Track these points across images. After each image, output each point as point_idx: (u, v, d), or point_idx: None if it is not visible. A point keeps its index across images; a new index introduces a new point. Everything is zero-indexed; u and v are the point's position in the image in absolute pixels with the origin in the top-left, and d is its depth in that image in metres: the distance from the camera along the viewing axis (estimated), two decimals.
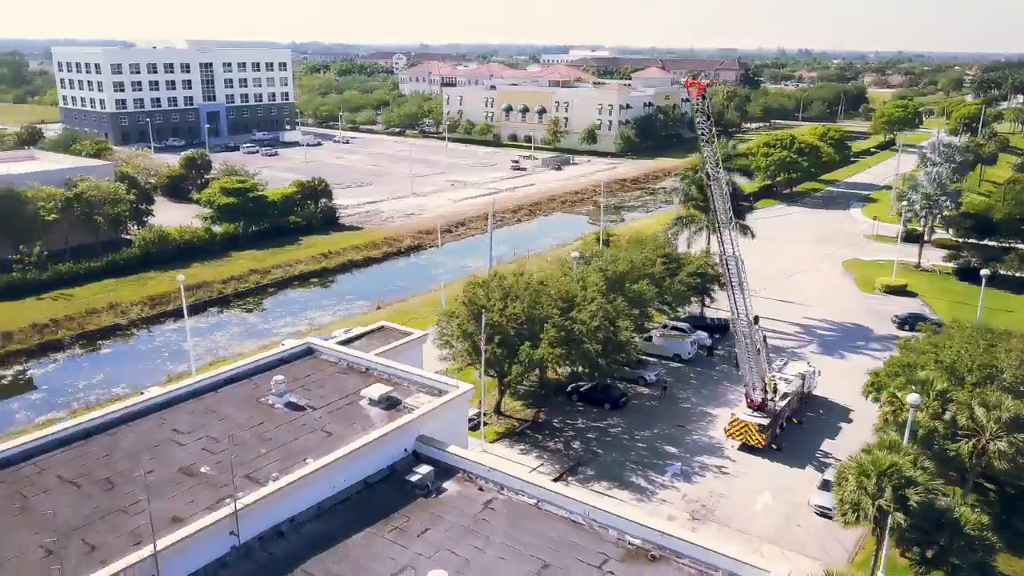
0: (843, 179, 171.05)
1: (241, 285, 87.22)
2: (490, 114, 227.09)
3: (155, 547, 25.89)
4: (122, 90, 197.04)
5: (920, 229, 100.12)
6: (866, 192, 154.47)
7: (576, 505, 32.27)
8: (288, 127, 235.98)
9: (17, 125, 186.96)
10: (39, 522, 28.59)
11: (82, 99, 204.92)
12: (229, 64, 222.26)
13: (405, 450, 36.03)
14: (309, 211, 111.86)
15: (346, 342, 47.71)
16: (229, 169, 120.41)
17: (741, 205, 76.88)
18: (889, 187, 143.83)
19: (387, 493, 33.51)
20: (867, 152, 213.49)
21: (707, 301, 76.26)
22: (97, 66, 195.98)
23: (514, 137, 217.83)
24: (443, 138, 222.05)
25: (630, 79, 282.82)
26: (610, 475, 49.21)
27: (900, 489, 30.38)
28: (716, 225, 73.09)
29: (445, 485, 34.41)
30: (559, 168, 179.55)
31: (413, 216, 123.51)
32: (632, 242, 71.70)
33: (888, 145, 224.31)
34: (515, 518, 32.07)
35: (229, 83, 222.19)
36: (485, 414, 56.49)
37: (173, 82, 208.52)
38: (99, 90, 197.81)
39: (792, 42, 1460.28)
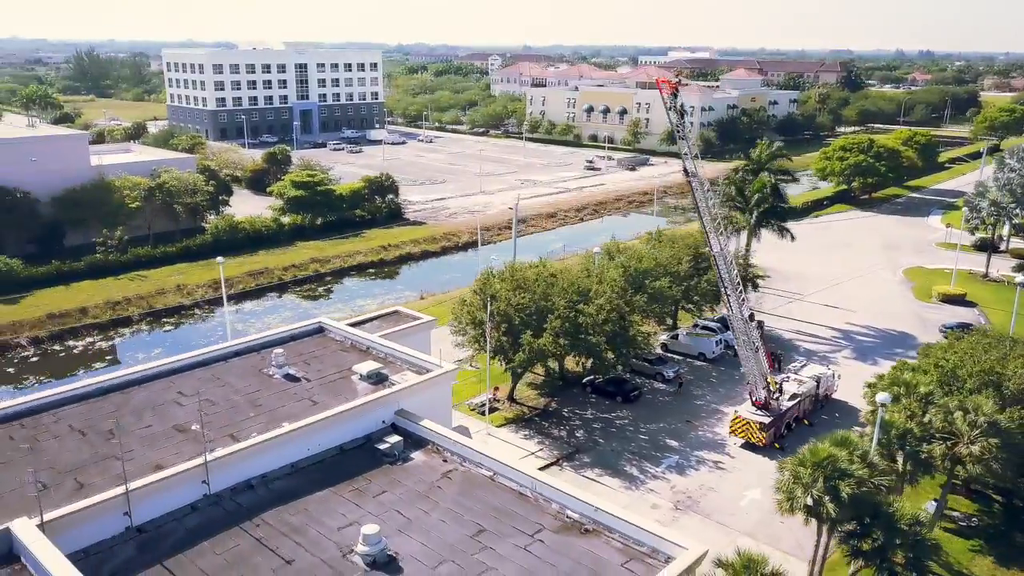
0: (930, 186, 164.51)
1: (300, 272, 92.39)
2: (571, 115, 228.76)
3: (127, 487, 29.45)
4: (222, 89, 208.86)
5: (991, 237, 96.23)
6: (952, 200, 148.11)
7: (527, 479, 34.18)
8: (377, 126, 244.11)
9: (131, 121, 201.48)
10: (43, 462, 32.71)
11: (187, 97, 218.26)
12: (323, 65, 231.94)
13: (383, 422, 38.70)
14: (375, 205, 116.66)
15: (358, 323, 50.97)
16: (305, 164, 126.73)
17: (779, 207, 76.17)
18: None
19: (358, 459, 36.27)
20: (959, 159, 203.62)
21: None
22: (200, 66, 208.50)
23: (594, 138, 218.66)
24: (528, 138, 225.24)
25: (718, 81, 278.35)
26: (605, 463, 50.64)
27: (832, 479, 30.89)
28: (749, 223, 73.58)
29: (413, 455, 36.95)
30: (633, 169, 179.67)
31: (476, 213, 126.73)
32: (665, 240, 72.34)
33: (994, 151, 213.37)
34: (468, 487, 34.26)
35: (322, 83, 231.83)
36: (498, 400, 58.81)
37: (269, 82, 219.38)
38: (201, 89, 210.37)
39: (914, 43, 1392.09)
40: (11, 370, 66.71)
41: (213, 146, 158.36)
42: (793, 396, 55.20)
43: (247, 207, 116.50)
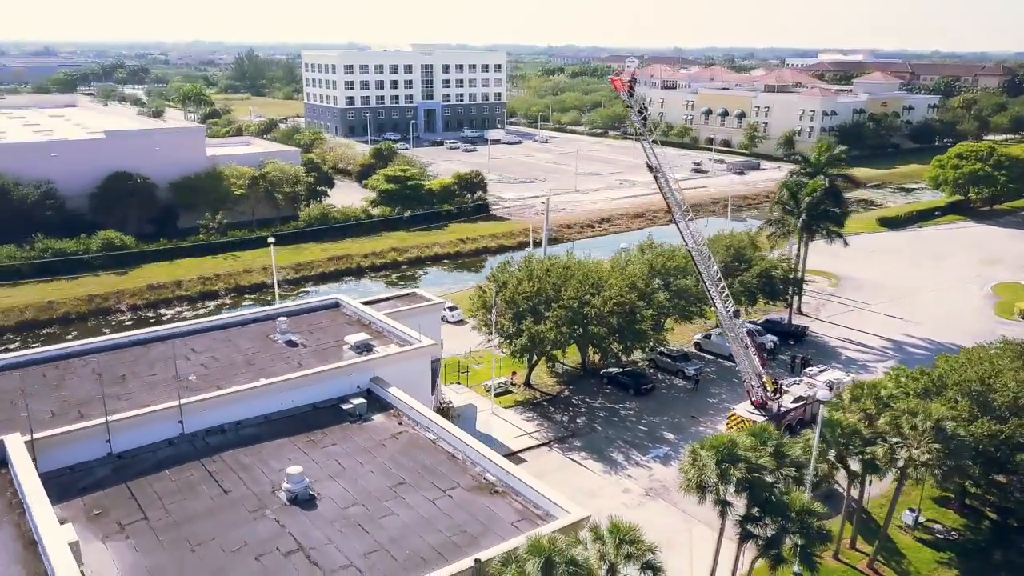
0: None
1: (378, 260, 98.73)
2: (689, 117, 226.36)
3: (107, 419, 35.04)
4: (351, 88, 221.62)
5: None
6: None
7: (461, 445, 37.32)
8: (498, 126, 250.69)
9: (274, 117, 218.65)
10: (61, 397, 39.05)
11: (321, 96, 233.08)
12: (448, 66, 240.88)
13: (358, 387, 42.88)
14: (462, 201, 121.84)
15: (374, 302, 55.52)
16: (405, 160, 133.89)
17: (832, 211, 74.35)
18: None
19: (325, 416, 40.60)
20: None
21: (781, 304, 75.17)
22: (333, 67, 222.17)
23: (711, 141, 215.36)
24: (640, 140, 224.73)
25: (850, 84, 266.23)
26: (593, 448, 52.67)
27: (723, 463, 31.97)
28: (797, 226, 72.69)
29: (375, 417, 40.88)
30: (741, 173, 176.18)
31: (563, 211, 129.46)
32: (707, 241, 72.54)
33: None
34: (408, 447, 37.81)
35: (446, 83, 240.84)
36: (514, 384, 61.84)
37: (396, 82, 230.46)
38: (333, 88, 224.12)
39: None
40: (107, 330, 76.09)
41: (331, 141, 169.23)
42: (798, 399, 54.93)
43: (349, 198, 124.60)
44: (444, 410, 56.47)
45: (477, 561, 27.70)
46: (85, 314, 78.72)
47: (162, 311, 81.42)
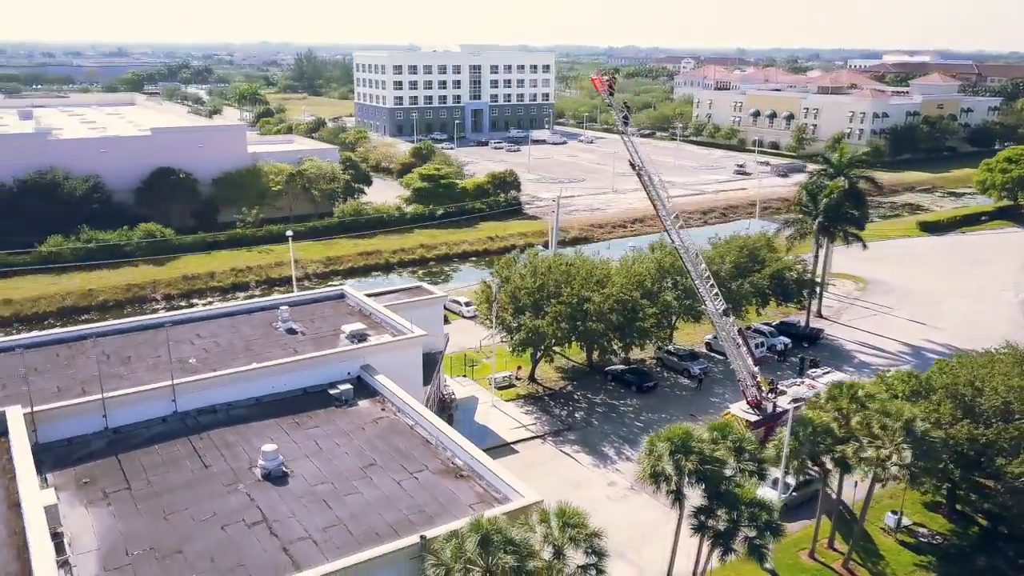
0: None
1: (407, 256, 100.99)
2: (737, 119, 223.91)
3: (102, 396, 37.44)
4: (400, 88, 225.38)
5: None
6: None
7: (435, 431, 38.69)
8: (545, 126, 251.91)
9: (327, 116, 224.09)
10: (68, 375, 41.71)
11: (371, 96, 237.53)
12: (496, 66, 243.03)
13: (348, 373, 44.61)
14: (495, 199, 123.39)
15: (380, 294, 57.34)
16: (442, 159, 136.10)
17: (851, 214, 73.47)
18: None
19: (314, 400, 42.42)
20: None
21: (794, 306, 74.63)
22: (382, 67, 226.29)
23: (759, 143, 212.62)
24: (690, 141, 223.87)
25: (907, 86, 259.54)
26: (587, 442, 53.53)
27: (677, 454, 32.60)
28: (813, 227, 72.16)
29: (361, 402, 42.52)
30: (785, 175, 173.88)
31: (596, 211, 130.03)
32: (720, 243, 72.64)
33: None
34: (386, 431, 39.35)
35: (494, 84, 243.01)
36: (519, 378, 63.02)
37: (445, 82, 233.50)
38: (382, 88, 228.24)
39: None
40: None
41: (374, 140, 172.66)
42: (796, 400, 54.74)
43: (387, 195, 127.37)
44: (445, 400, 58.19)
45: (423, 537, 29.04)
46: (122, 302, 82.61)
47: (195, 301, 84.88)
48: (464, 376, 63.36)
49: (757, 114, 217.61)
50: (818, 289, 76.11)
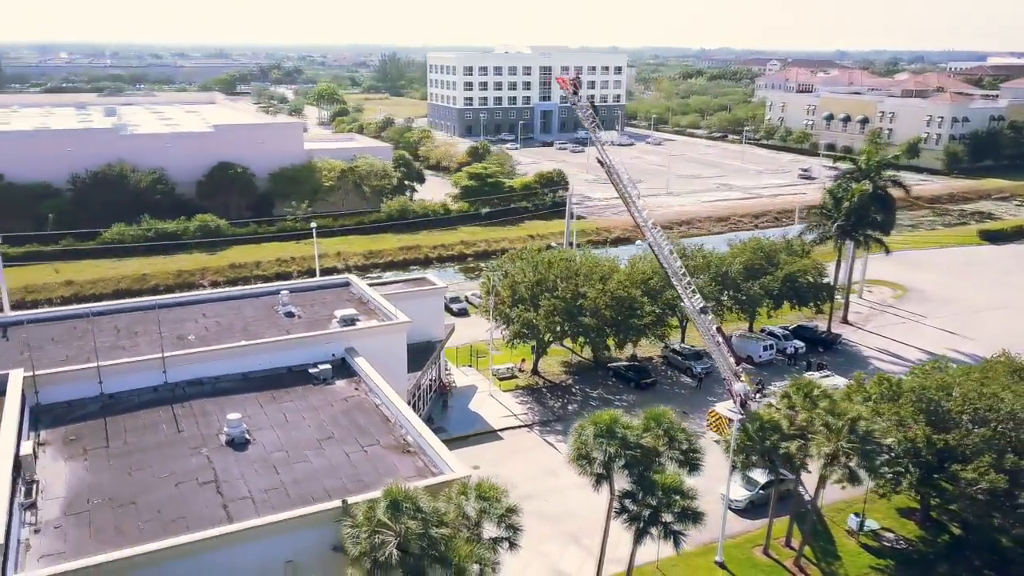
0: None
1: (445, 252, 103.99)
2: (810, 122, 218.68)
3: (97, 364, 41.32)
4: (470, 89, 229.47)
5: None
6: None
7: (396, 411, 41.00)
8: (616, 128, 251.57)
9: (404, 116, 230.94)
10: (79, 345, 45.95)
11: (442, 96, 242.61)
12: (567, 68, 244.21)
13: (333, 355, 47.44)
14: (541, 199, 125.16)
15: (385, 283, 60.21)
16: (496, 158, 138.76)
17: (874, 218, 71.95)
18: None
19: (296, 378, 45.34)
20: None
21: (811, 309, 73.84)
22: (453, 68, 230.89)
23: (832, 147, 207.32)
24: (760, 144, 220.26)
25: (998, 89, 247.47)
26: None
27: (600, 438, 33.81)
28: (832, 230, 71.27)
29: (338, 382, 45.23)
30: None
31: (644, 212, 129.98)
32: (737, 245, 72.46)
33: None
34: (351, 409, 41.92)
35: None
36: (522, 371, 64.83)
37: (515, 83, 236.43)
38: (453, 88, 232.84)
39: None
40: None
41: (437, 139, 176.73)
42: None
43: (441, 193, 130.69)
44: (444, 386, 60.60)
45: (344, 502, 31.33)
46: (172, 287, 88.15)
47: (239, 288, 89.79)
48: (469, 366, 65.54)
49: (831, 117, 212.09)
50: (841, 294, 74.81)
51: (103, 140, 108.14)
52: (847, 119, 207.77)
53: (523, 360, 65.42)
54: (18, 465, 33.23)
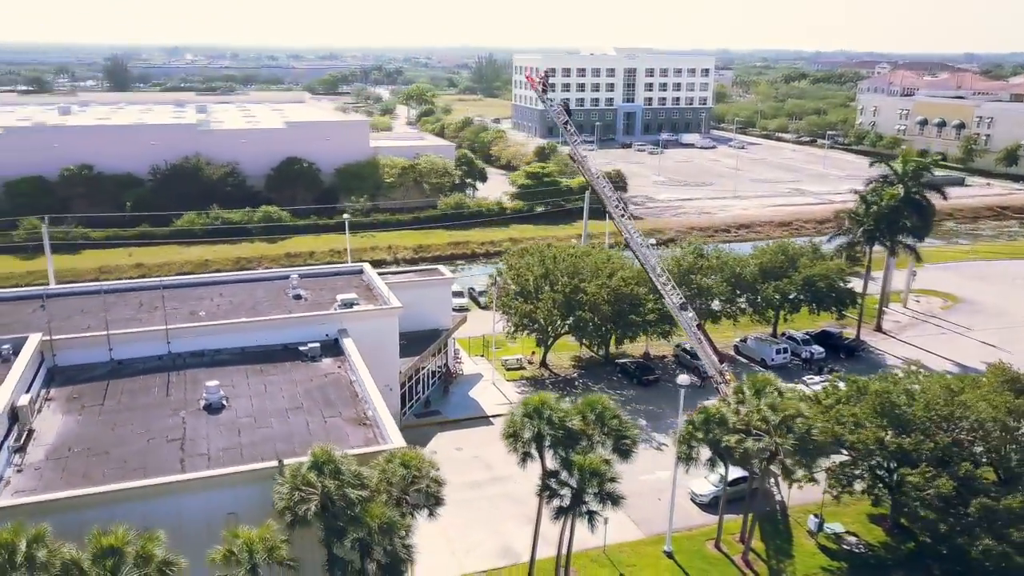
0: None
1: (492, 248, 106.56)
2: (902, 127, 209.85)
3: (107, 333, 45.99)
4: (552, 90, 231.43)
5: None
6: None
7: (364, 391, 43.74)
8: (702, 130, 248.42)
9: (490, 117, 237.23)
10: (101, 316, 50.81)
11: (525, 97, 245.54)
12: (652, 69, 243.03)
13: (327, 335, 50.77)
14: (596, 199, 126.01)
15: (398, 272, 63.31)
16: (559, 158, 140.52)
17: (904, 224, 69.73)
18: None
19: (287, 354, 48.83)
20: None
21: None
22: (536, 70, 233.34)
23: (924, 153, 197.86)
24: (848, 149, 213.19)
25: None
26: None
27: (527, 417, 35.46)
28: (857, 235, 69.90)
29: (325, 359, 48.47)
30: (938, 188, 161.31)
31: (704, 215, 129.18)
32: (759, 249, 71.91)
33: None
34: (327, 384, 45.04)
35: (649, 87, 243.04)
36: (531, 362, 66.71)
37: (597, 84, 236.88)
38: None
39: None
40: None
41: (509, 139, 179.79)
42: None
43: (501, 191, 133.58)
44: (450, 373, 63.23)
45: (280, 461, 34.28)
46: (230, 272, 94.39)
47: (257, 271, 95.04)
48: (481, 356, 67.90)
49: (924, 122, 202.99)
50: (864, 301, 72.98)
51: (183, 135, 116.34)
52: (942, 124, 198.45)
53: (533, 352, 67.25)
54: (15, 414, 37.89)
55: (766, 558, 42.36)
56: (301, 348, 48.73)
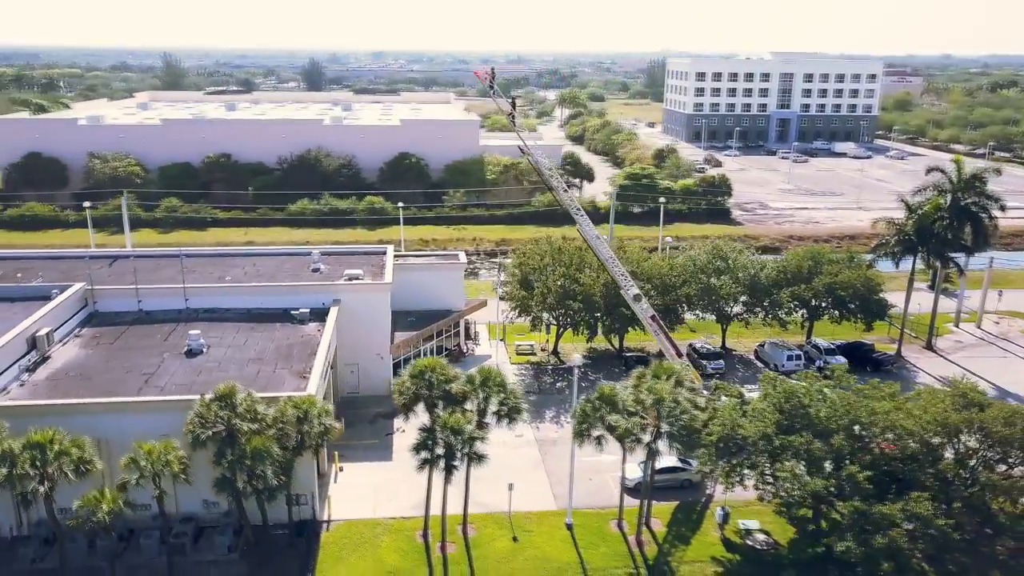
0: None
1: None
2: None
3: (136, 287, 55.07)
4: (701, 95, 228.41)
5: None
6: None
7: (323, 351, 49.53)
8: (864, 138, 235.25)
9: (645, 121, 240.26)
10: (147, 278, 60.00)
11: (675, 102, 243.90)
12: (811, 75, 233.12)
13: (323, 303, 57.20)
14: (696, 203, 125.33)
15: (417, 255, 69.06)
16: (677, 161, 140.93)
17: (949, 236, 65.23)
18: None
19: (283, 317, 55.72)
20: None
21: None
22: (685, 73, 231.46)
23: None
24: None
25: None
26: (543, 404, 59.43)
27: (413, 377, 39.51)
28: (892, 247, 67.25)
29: (311, 324, 54.89)
30: None
31: (811, 224, 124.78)
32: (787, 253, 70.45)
33: None
34: (297, 343, 51.47)
35: (807, 93, 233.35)
36: (543, 349, 69.98)
37: (750, 90, 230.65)
38: (684, 94, 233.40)
39: None
40: None
41: (637, 143, 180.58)
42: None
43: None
44: (460, 352, 68.00)
45: (201, 396, 40.69)
46: None
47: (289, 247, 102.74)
48: (502, 340, 71.96)
49: None
50: (908, 316, 69.35)
51: (308, 130, 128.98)
52: None
53: (547, 340, 70.40)
54: (33, 342, 47.14)
55: (660, 542, 43.60)
56: (292, 312, 55.52)
